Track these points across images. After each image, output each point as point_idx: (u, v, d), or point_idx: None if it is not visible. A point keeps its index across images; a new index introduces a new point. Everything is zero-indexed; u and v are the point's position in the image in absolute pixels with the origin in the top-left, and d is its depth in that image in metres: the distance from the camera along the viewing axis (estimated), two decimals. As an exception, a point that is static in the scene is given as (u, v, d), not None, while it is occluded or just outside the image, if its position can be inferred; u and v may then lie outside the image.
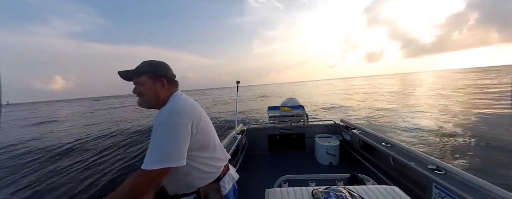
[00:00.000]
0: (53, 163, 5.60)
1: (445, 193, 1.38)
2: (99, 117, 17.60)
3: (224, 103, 20.68)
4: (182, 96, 0.98)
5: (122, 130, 9.81)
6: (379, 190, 1.19)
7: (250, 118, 10.93)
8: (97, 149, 6.63)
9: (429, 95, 14.70)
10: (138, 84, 0.94)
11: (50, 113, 28.05)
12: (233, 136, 2.76)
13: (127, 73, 0.95)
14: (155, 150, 0.78)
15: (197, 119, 0.90)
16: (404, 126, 7.00)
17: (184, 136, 0.83)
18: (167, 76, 0.97)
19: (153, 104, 0.95)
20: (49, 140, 8.88)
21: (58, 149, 7.00)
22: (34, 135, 10.33)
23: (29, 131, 12.06)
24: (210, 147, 0.98)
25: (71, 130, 11.32)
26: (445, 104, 10.70)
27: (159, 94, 0.95)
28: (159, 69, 0.96)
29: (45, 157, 6.27)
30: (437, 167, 1.56)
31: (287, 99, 3.95)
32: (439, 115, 8.15)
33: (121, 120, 13.74)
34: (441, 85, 22.70)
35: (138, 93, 0.94)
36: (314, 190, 1.21)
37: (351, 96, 18.02)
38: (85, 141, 8.08)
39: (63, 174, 4.74)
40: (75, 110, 30.69)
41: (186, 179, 0.94)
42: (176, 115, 0.84)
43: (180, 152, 0.81)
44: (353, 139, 2.91)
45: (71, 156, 6.23)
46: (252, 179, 2.57)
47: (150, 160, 0.76)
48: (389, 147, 2.12)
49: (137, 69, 0.94)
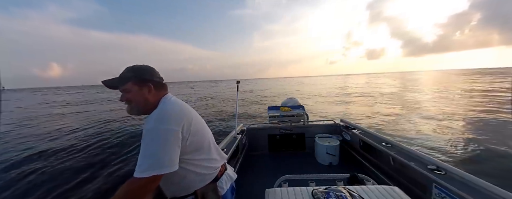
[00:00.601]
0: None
1: (445, 193, 1.38)
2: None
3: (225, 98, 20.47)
4: (171, 100, 0.95)
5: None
6: (379, 190, 1.19)
7: (249, 114, 10.96)
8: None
9: (431, 99, 14.36)
10: (124, 91, 0.91)
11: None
12: (233, 136, 2.77)
13: (111, 82, 0.92)
14: (145, 157, 0.77)
15: (187, 122, 0.88)
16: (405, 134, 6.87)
17: (173, 141, 0.81)
18: (153, 80, 0.94)
19: (142, 110, 0.93)
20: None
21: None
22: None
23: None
24: (205, 148, 0.97)
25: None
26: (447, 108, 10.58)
27: (148, 99, 0.92)
28: (144, 74, 0.93)
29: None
30: (437, 167, 1.56)
31: (287, 99, 3.96)
32: (440, 121, 8.06)
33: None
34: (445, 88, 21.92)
35: (126, 100, 0.92)
36: (314, 190, 1.21)
37: (345, 99, 17.49)
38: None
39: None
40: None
41: (183, 182, 0.94)
42: (163, 121, 0.82)
43: (171, 158, 0.80)
44: (353, 139, 2.91)
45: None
46: (252, 179, 2.57)
47: (141, 168, 0.76)
48: (389, 147, 2.12)
49: (121, 77, 0.91)
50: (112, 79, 0.92)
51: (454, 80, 33.80)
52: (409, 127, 7.26)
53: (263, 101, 16.41)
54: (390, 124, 7.78)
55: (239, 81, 3.02)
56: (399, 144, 2.09)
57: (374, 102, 13.82)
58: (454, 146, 5.08)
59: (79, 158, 5.29)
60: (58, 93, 54.33)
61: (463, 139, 5.64)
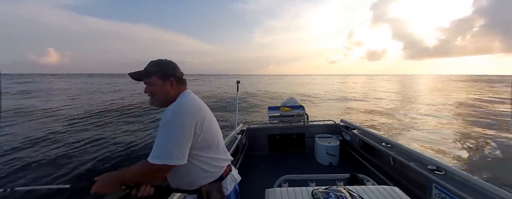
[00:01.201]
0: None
1: (445, 193, 1.38)
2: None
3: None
4: (189, 96, 1.00)
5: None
6: (379, 190, 1.19)
7: (249, 112, 10.94)
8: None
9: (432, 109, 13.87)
10: (148, 84, 0.97)
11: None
12: (233, 136, 2.77)
13: (136, 74, 0.98)
14: (158, 146, 0.82)
15: (201, 119, 0.92)
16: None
17: (186, 135, 0.85)
18: (175, 75, 1.00)
19: (163, 102, 0.98)
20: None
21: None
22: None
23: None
24: (214, 147, 1.00)
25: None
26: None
27: (169, 93, 0.97)
28: (168, 69, 0.98)
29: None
30: (437, 167, 1.56)
31: (287, 99, 3.95)
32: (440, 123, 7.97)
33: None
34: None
35: (149, 93, 0.97)
36: (314, 190, 1.21)
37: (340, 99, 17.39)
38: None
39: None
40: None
41: (188, 176, 0.96)
42: (180, 114, 0.86)
43: (181, 151, 0.84)
44: (353, 139, 2.91)
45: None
46: (252, 179, 2.56)
47: (154, 155, 0.81)
48: (389, 147, 2.12)
49: (147, 70, 0.97)
50: (138, 72, 0.98)
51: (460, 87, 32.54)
52: (408, 126, 7.25)
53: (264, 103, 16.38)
54: (390, 123, 7.77)
55: (239, 81, 3.02)
56: (399, 144, 2.09)
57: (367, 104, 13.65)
58: (454, 146, 5.08)
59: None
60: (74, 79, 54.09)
61: (463, 139, 5.64)
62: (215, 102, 14.49)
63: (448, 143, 5.32)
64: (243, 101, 14.71)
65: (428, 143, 5.34)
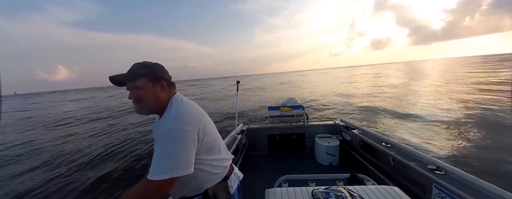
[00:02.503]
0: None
1: (445, 193, 1.38)
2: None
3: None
4: (184, 100, 0.92)
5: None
6: (379, 190, 1.19)
7: (249, 110, 10.91)
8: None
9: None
10: (134, 88, 0.85)
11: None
12: (233, 136, 2.77)
13: (119, 77, 0.85)
14: (161, 158, 0.75)
15: (202, 124, 0.87)
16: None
17: (191, 143, 0.80)
18: (165, 78, 0.91)
19: (153, 108, 0.88)
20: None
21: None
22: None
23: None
24: (216, 148, 0.97)
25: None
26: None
27: (160, 97, 0.87)
28: (157, 70, 0.89)
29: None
30: (437, 167, 1.56)
31: (287, 99, 3.96)
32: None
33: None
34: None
35: (136, 98, 0.85)
36: (314, 190, 1.21)
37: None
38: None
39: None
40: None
41: (195, 182, 0.92)
42: (182, 122, 0.80)
43: (188, 160, 0.78)
44: (353, 139, 2.91)
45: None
46: (252, 179, 2.57)
47: (158, 170, 0.73)
48: (389, 147, 2.12)
49: (133, 72, 0.85)
50: (121, 75, 0.85)
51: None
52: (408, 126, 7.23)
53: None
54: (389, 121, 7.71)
55: (239, 81, 3.03)
56: (399, 144, 2.09)
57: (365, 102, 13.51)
58: (454, 146, 5.08)
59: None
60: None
61: (463, 139, 5.63)
62: (215, 101, 14.47)
63: (448, 143, 5.30)
64: (243, 101, 14.73)
65: (428, 143, 5.32)
